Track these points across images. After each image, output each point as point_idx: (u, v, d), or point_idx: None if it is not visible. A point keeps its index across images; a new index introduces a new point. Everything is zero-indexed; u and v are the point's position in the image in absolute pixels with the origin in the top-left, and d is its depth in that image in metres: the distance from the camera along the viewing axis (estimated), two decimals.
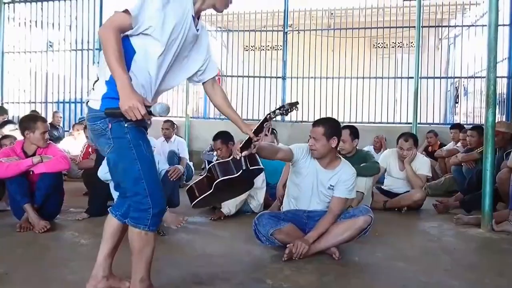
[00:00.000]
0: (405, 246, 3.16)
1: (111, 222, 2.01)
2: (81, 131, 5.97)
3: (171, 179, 3.71)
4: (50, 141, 3.87)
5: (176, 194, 3.80)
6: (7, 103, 8.60)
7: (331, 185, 2.88)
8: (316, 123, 2.88)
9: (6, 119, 6.36)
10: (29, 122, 3.51)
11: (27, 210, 3.32)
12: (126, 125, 1.78)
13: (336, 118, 7.77)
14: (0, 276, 2.34)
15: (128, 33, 1.80)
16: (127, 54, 1.78)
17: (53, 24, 8.62)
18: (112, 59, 1.68)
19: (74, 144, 6.43)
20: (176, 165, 4.07)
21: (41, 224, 3.26)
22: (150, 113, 1.69)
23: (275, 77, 8.45)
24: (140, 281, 1.89)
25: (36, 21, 8.71)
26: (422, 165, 4.51)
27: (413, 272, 2.57)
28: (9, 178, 3.36)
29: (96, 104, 1.79)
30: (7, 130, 5.11)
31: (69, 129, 7.74)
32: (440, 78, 8.32)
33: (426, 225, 3.82)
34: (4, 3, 8.64)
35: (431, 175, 4.84)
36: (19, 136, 3.95)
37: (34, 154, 3.49)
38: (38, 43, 8.75)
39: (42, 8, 8.64)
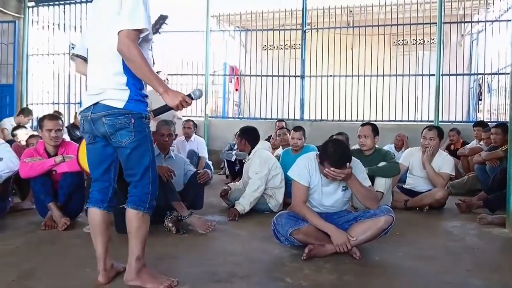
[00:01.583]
0: (427, 245, 3.10)
1: (101, 217, 2.20)
2: None
3: (200, 182, 3.75)
4: (71, 141, 3.95)
5: (200, 197, 3.83)
6: (32, 104, 8.81)
7: (343, 187, 2.87)
8: (341, 163, 2.67)
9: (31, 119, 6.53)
10: (39, 121, 3.61)
11: (51, 208, 3.41)
12: (145, 122, 2.08)
13: (356, 117, 7.80)
14: (26, 272, 2.40)
15: None
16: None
17: (75, 27, 8.79)
18: (149, 71, 1.96)
19: None
20: (206, 169, 4.11)
21: (62, 222, 3.33)
22: (192, 99, 2.10)
23: (294, 76, 8.43)
24: (136, 259, 2.13)
25: (58, 24, 8.90)
26: (446, 163, 4.41)
27: (435, 272, 2.52)
28: (33, 178, 3.45)
29: (119, 104, 2.01)
30: (23, 133, 5.19)
31: None
32: (463, 75, 8.16)
33: (449, 225, 3.75)
34: (28, 7, 8.85)
35: (454, 174, 4.73)
36: None
37: (56, 154, 3.56)
38: (60, 45, 8.94)
39: (64, 11, 8.82)
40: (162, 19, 2.91)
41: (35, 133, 5.25)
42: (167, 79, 5.64)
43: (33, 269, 2.47)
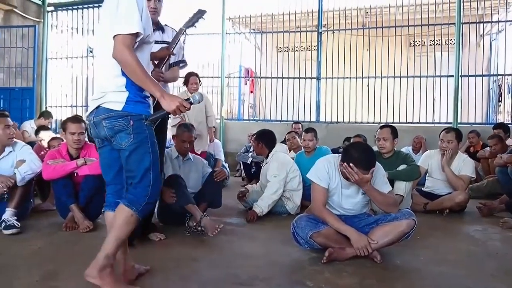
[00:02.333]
0: (448, 250, 3.06)
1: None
2: None
3: (217, 180, 3.76)
4: (92, 143, 3.99)
5: (218, 195, 3.84)
6: (51, 107, 8.96)
7: (363, 192, 2.84)
8: (370, 166, 2.66)
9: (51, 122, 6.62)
10: (62, 124, 3.67)
11: (73, 210, 3.46)
12: (146, 123, 2.05)
13: (373, 119, 7.73)
14: (49, 273, 2.44)
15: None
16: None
17: (92, 31, 8.90)
18: (143, 76, 1.95)
19: None
20: (222, 168, 4.11)
21: (84, 224, 3.38)
22: (191, 104, 2.04)
23: (310, 78, 8.41)
24: (105, 256, 2.00)
25: (77, 28, 9.04)
26: (466, 165, 4.34)
27: (458, 277, 2.48)
28: (55, 180, 3.50)
29: (118, 106, 2.00)
30: (46, 135, 5.26)
31: None
32: (482, 76, 8.01)
33: (470, 229, 3.69)
34: (48, 11, 9.01)
35: (474, 177, 4.65)
36: None
37: (78, 156, 3.62)
38: (79, 49, 9.08)
39: (82, 16, 8.96)
40: (200, 13, 2.93)
41: (55, 135, 5.33)
42: (199, 81, 5.66)
43: (56, 270, 2.50)
